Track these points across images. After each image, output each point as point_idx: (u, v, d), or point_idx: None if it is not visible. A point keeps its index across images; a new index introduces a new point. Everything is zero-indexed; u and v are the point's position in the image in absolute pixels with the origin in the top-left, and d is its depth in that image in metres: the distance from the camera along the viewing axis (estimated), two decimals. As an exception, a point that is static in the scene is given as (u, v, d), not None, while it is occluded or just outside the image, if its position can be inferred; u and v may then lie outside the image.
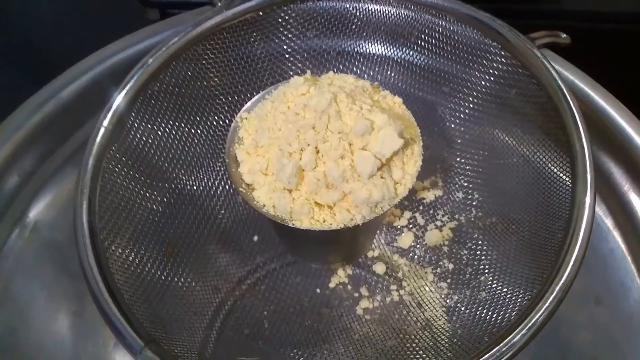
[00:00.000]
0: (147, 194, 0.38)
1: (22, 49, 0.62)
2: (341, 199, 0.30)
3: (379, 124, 0.29)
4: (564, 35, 0.40)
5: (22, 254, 0.37)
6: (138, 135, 0.38)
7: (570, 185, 0.32)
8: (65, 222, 0.37)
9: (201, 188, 0.42)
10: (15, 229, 0.38)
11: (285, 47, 0.44)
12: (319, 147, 0.30)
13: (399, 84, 0.44)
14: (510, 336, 0.26)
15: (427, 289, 0.39)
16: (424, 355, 0.33)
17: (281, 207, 0.30)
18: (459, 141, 0.43)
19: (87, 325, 0.38)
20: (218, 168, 0.43)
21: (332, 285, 0.40)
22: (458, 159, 0.43)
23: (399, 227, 0.42)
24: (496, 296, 0.33)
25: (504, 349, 0.26)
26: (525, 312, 0.27)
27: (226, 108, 0.43)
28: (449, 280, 0.39)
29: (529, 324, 0.27)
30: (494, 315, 0.32)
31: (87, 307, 0.39)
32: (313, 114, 0.30)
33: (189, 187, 0.41)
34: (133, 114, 0.37)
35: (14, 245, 0.37)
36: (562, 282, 0.28)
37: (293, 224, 0.30)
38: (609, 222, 0.38)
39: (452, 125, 0.43)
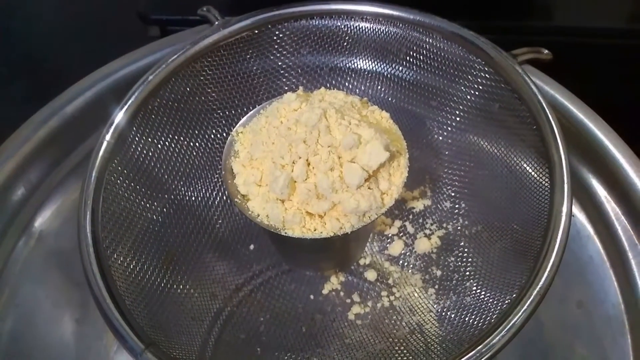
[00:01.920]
0: (148, 205, 0.40)
1: (26, 66, 0.64)
2: (331, 209, 0.32)
3: (366, 137, 0.31)
4: (546, 51, 0.42)
5: (28, 262, 0.39)
6: (139, 149, 0.40)
7: (549, 195, 0.33)
8: (69, 232, 0.39)
9: (199, 199, 0.44)
10: (21, 238, 0.40)
11: (279, 63, 0.46)
12: (310, 160, 0.31)
13: (389, 99, 0.46)
14: (489, 338, 0.28)
15: (416, 294, 0.41)
16: (414, 359, 0.35)
17: (274, 216, 0.32)
18: (447, 153, 0.45)
19: (90, 332, 0.40)
20: (215, 180, 0.45)
21: (325, 292, 0.42)
22: (446, 170, 0.45)
23: (389, 235, 0.44)
24: (480, 301, 0.35)
25: (483, 350, 0.28)
26: (505, 315, 0.29)
27: (223, 122, 0.45)
28: (437, 287, 0.40)
29: (508, 327, 0.28)
30: (478, 319, 0.33)
31: (89, 314, 0.40)
32: (304, 129, 0.32)
33: (187, 198, 0.43)
34: (134, 128, 0.39)
35: (20, 254, 0.39)
36: (539, 286, 0.29)
37: (286, 233, 0.32)
38: (588, 230, 0.40)
39: (440, 138, 0.45)
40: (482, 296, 0.35)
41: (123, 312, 0.30)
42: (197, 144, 0.44)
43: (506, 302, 0.31)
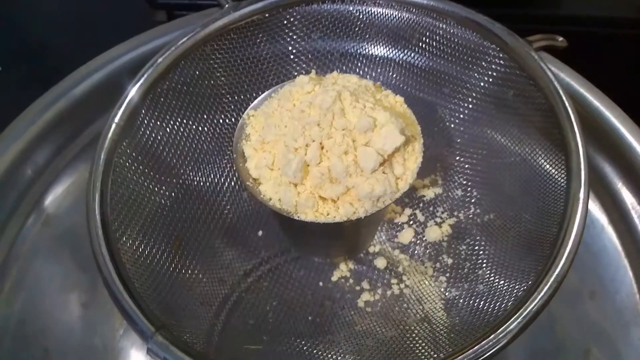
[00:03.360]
0: (156, 189, 0.39)
1: (29, 51, 0.64)
2: (344, 193, 0.31)
3: (381, 121, 0.31)
4: (561, 39, 0.41)
5: (36, 242, 0.39)
6: (148, 132, 0.39)
7: (565, 182, 0.33)
8: (77, 214, 0.38)
9: (207, 184, 0.43)
10: (29, 219, 0.39)
11: (290, 48, 0.45)
12: (324, 143, 0.31)
13: (400, 85, 0.46)
14: (507, 324, 0.27)
15: (426, 283, 0.40)
16: (423, 345, 0.35)
17: (287, 200, 0.31)
18: (459, 140, 0.44)
19: (97, 315, 0.39)
20: (224, 165, 0.44)
21: (334, 279, 0.41)
22: (457, 158, 0.44)
23: (399, 223, 0.44)
24: (493, 288, 0.35)
25: (500, 336, 0.27)
26: (521, 301, 0.28)
27: (232, 107, 0.44)
28: (447, 275, 0.40)
29: (524, 313, 0.28)
30: (491, 306, 0.33)
31: (96, 297, 0.40)
32: (318, 112, 0.31)
33: (195, 183, 0.43)
34: (143, 111, 0.38)
35: (28, 234, 0.39)
36: (556, 272, 0.29)
37: (298, 217, 0.31)
38: (603, 220, 0.39)
39: (452, 125, 0.44)
40: (496, 284, 0.35)
41: (133, 294, 0.29)
42: (205, 128, 0.43)
43: (521, 289, 0.31)
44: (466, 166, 0.44)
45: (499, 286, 0.34)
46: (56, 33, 0.65)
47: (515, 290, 0.32)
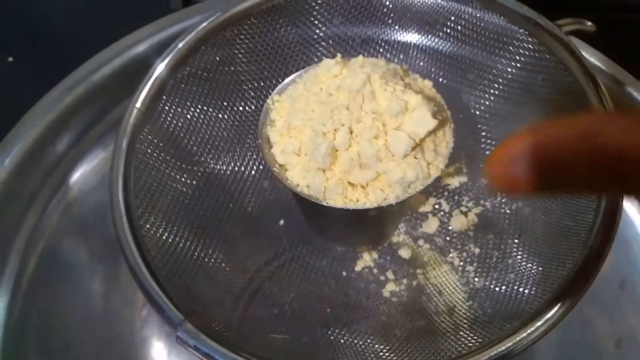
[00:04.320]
0: (177, 176, 0.38)
1: (45, 38, 0.63)
2: (374, 179, 0.30)
3: (412, 104, 0.30)
4: (589, 23, 0.40)
5: (57, 230, 0.38)
6: (169, 119, 0.38)
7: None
8: (99, 197, 0.38)
9: (228, 172, 0.42)
10: (51, 203, 0.38)
11: (311, 33, 0.44)
12: (353, 128, 0.30)
13: (424, 72, 0.45)
14: (548, 309, 0.26)
15: (453, 272, 0.39)
16: (451, 336, 0.34)
17: (315, 186, 0.30)
18: (484, 128, 0.43)
19: (117, 302, 0.39)
20: (244, 154, 0.44)
21: (358, 268, 0.40)
22: (482, 146, 0.43)
23: (424, 213, 0.43)
24: (526, 276, 0.34)
25: (540, 323, 0.26)
26: (561, 290, 0.28)
27: (252, 94, 0.43)
28: (475, 264, 0.39)
29: (566, 301, 0.27)
30: (526, 292, 0.32)
31: (117, 284, 0.40)
32: (347, 95, 0.30)
33: (216, 172, 0.42)
34: (164, 97, 0.37)
35: (51, 216, 0.38)
36: (602, 260, 0.28)
37: (327, 203, 0.30)
38: (634, 207, 0.38)
39: (477, 112, 0.43)
40: (529, 271, 0.34)
41: (160, 281, 0.29)
42: (225, 116, 0.42)
43: (557, 276, 0.30)
44: (492, 154, 0.43)
45: (532, 273, 0.33)
46: (69, 20, 0.64)
47: (550, 278, 0.31)
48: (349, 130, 0.30)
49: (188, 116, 0.40)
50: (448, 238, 0.41)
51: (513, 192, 0.21)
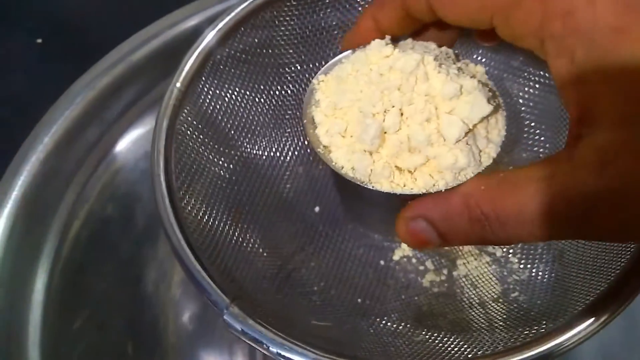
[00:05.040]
0: (216, 159, 0.38)
1: (72, 23, 0.63)
2: (423, 164, 0.29)
3: (467, 88, 0.29)
4: None
5: (95, 210, 0.38)
6: (207, 100, 0.38)
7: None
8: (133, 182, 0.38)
9: (264, 157, 0.42)
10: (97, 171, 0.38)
11: (350, 17, 0.43)
12: (404, 110, 0.29)
13: (464, 59, 0.43)
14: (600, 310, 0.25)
15: (495, 264, 0.38)
16: (499, 327, 0.33)
17: (361, 169, 0.29)
18: (527, 117, 0.42)
19: (152, 285, 0.39)
20: (280, 138, 0.43)
21: (396, 258, 0.40)
22: (525, 136, 0.42)
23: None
24: (577, 268, 0.33)
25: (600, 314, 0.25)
26: (620, 283, 0.27)
27: (289, 78, 0.43)
28: (518, 255, 0.38)
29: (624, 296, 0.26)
30: (578, 286, 0.31)
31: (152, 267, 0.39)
32: (399, 75, 0.29)
33: (252, 156, 0.41)
34: (203, 78, 0.37)
35: (96, 183, 0.38)
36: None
37: (373, 187, 0.29)
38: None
39: (520, 100, 0.42)
40: (580, 262, 0.33)
41: (204, 265, 0.28)
42: (262, 100, 0.42)
43: (616, 270, 0.29)
44: (535, 144, 0.42)
45: (586, 264, 0.32)
46: (96, 6, 0.64)
47: (606, 271, 0.30)
48: (400, 112, 0.29)
49: (226, 99, 0.39)
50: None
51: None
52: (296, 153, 0.43)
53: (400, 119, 0.29)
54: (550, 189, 0.21)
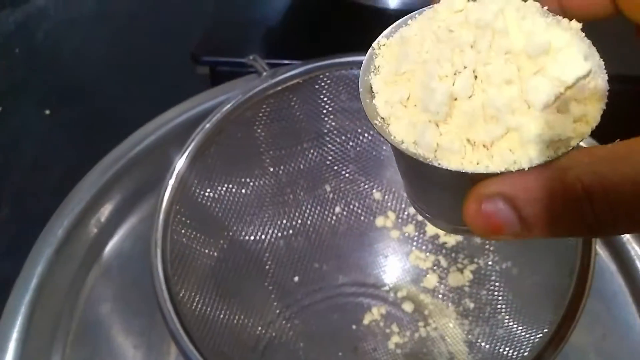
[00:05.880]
0: (206, 242, 0.44)
1: (78, 95, 0.69)
2: (502, 137, 0.23)
3: (558, 44, 0.23)
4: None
5: (95, 292, 0.43)
6: (197, 192, 0.44)
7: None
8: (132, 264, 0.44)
9: (248, 235, 0.48)
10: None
11: (321, 109, 0.50)
12: (478, 72, 0.23)
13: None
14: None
15: (450, 325, 0.44)
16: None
17: (425, 142, 0.23)
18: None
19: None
20: (262, 216, 0.49)
21: (366, 322, 0.45)
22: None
23: (424, 268, 0.47)
24: (512, 334, 0.38)
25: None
26: (537, 349, 0.32)
27: (269, 162, 0.49)
28: (470, 318, 0.44)
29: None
30: (511, 352, 0.36)
31: (147, 342, 0.45)
32: (473, 31, 0.24)
33: (237, 234, 0.47)
34: (194, 172, 0.43)
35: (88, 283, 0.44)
36: (572, 325, 0.33)
37: (439, 164, 0.23)
38: (612, 267, 0.43)
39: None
40: (514, 330, 0.38)
41: (197, 346, 0.34)
42: (247, 184, 0.48)
43: (538, 336, 0.34)
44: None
45: (517, 332, 0.38)
46: (101, 78, 0.70)
47: (532, 337, 0.35)
48: (473, 74, 0.24)
49: (214, 188, 0.45)
50: (446, 293, 0.46)
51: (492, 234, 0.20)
52: (276, 230, 0.49)
53: (473, 82, 0.24)
54: None
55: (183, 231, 0.42)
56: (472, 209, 0.20)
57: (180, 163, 0.42)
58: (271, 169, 0.49)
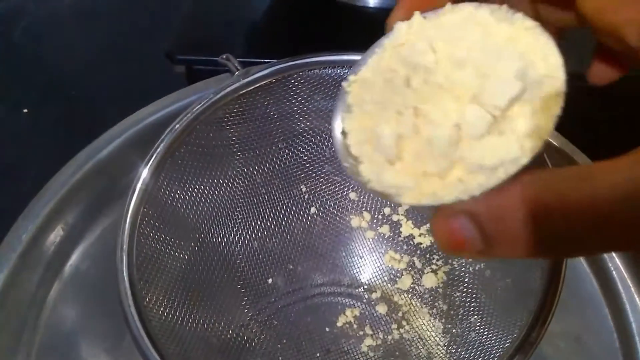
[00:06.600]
0: (175, 245, 0.43)
1: (59, 95, 0.68)
2: (452, 168, 0.23)
3: (488, 63, 0.23)
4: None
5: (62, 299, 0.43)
6: (167, 194, 0.43)
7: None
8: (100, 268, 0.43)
9: (221, 237, 0.47)
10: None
11: (295, 108, 0.49)
12: (418, 109, 0.24)
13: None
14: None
15: (424, 327, 0.44)
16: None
17: (385, 181, 0.24)
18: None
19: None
20: (235, 218, 0.48)
21: (339, 324, 0.45)
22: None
23: (398, 269, 0.47)
24: (483, 337, 0.38)
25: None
26: (506, 352, 0.32)
27: (242, 162, 0.49)
28: (443, 320, 0.43)
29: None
30: (482, 356, 0.36)
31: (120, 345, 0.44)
32: (408, 69, 0.24)
33: (209, 236, 0.46)
34: (162, 174, 0.42)
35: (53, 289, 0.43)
36: (543, 330, 0.32)
37: (398, 200, 0.24)
38: (585, 270, 0.43)
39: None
40: (485, 333, 0.38)
41: (161, 352, 0.33)
42: (218, 185, 0.47)
43: (508, 340, 0.34)
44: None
45: (488, 335, 0.37)
46: (80, 76, 0.69)
47: (502, 341, 0.35)
48: (414, 112, 0.24)
49: (185, 188, 0.44)
50: (420, 294, 0.46)
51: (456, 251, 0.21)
52: (250, 231, 0.48)
53: (415, 120, 0.24)
54: None
55: (152, 234, 0.41)
56: (437, 224, 0.21)
57: (149, 165, 0.41)
58: (245, 170, 0.49)
